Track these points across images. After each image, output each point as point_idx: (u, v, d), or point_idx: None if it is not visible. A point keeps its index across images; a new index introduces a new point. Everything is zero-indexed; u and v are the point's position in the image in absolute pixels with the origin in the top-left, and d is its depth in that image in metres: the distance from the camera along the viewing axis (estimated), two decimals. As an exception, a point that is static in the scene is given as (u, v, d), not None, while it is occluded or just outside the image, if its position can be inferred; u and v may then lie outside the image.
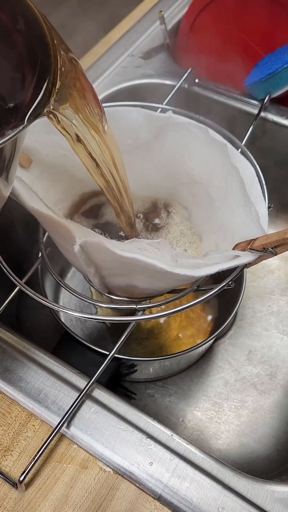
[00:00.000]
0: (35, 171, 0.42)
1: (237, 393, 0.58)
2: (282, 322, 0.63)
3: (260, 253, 0.34)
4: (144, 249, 0.33)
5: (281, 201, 0.68)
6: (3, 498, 0.36)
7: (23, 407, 0.40)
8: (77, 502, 0.36)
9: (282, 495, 0.36)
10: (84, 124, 0.29)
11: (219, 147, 0.40)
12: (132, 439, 0.38)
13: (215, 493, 0.36)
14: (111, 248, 0.32)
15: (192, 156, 0.41)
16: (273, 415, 0.56)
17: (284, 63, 0.55)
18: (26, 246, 0.51)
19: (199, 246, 0.44)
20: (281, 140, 0.62)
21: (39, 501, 0.36)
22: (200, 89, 0.63)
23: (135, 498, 0.36)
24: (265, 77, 0.57)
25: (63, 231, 0.34)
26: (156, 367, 0.56)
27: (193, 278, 0.37)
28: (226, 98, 0.62)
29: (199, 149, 0.41)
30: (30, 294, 0.39)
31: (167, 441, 0.38)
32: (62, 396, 0.40)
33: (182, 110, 0.49)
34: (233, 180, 0.39)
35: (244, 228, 0.37)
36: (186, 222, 0.46)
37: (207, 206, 0.43)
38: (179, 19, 0.71)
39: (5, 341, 0.43)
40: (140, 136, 0.45)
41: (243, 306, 0.64)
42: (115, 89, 0.63)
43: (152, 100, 0.60)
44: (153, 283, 0.37)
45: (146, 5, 0.74)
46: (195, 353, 0.58)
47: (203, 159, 0.41)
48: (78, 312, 0.38)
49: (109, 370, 0.45)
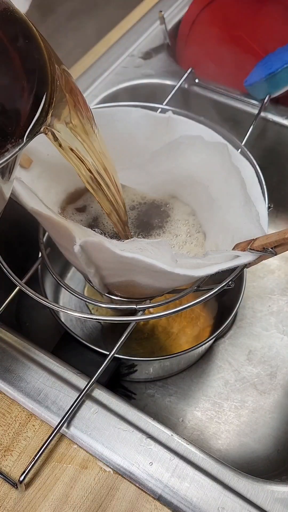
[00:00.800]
0: (35, 171, 0.42)
1: (237, 393, 0.58)
2: (282, 322, 0.63)
3: (260, 253, 0.34)
4: (144, 249, 0.33)
5: (281, 201, 0.68)
6: (3, 498, 0.36)
7: (23, 407, 0.40)
8: (77, 502, 0.36)
9: (282, 495, 0.36)
10: (77, 134, 0.30)
11: (219, 147, 0.40)
12: (132, 439, 0.38)
13: (215, 493, 0.36)
14: (111, 248, 0.32)
15: (192, 157, 0.42)
16: (273, 415, 0.56)
17: (284, 63, 0.55)
18: (26, 246, 0.51)
19: (203, 245, 0.44)
20: (281, 140, 0.62)
21: (39, 501, 0.36)
22: (200, 89, 0.63)
23: (135, 498, 0.36)
24: (265, 77, 0.57)
25: (63, 231, 0.34)
26: (156, 367, 0.56)
27: (193, 278, 0.37)
28: (226, 98, 0.62)
29: (199, 151, 0.41)
30: (30, 294, 0.39)
31: (167, 441, 0.38)
32: (62, 396, 0.40)
33: (182, 110, 0.49)
34: (234, 180, 0.39)
35: (244, 228, 0.37)
36: (190, 219, 0.46)
37: (207, 206, 0.43)
38: (179, 19, 0.71)
39: (5, 341, 0.43)
40: (141, 137, 0.45)
41: (243, 306, 0.64)
42: (115, 89, 0.63)
43: (152, 100, 0.60)
44: (153, 283, 0.37)
45: (146, 5, 0.74)
46: (195, 353, 0.58)
47: (203, 160, 0.41)
48: (78, 312, 0.39)
49: (109, 370, 0.45)
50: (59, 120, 0.27)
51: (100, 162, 0.33)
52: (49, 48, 0.26)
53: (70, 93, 0.27)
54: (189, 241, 0.44)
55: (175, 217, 0.46)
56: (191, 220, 0.46)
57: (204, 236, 0.45)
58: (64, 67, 0.27)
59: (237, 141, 0.48)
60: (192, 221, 0.46)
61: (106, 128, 0.45)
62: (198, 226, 0.45)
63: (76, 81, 0.64)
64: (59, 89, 0.26)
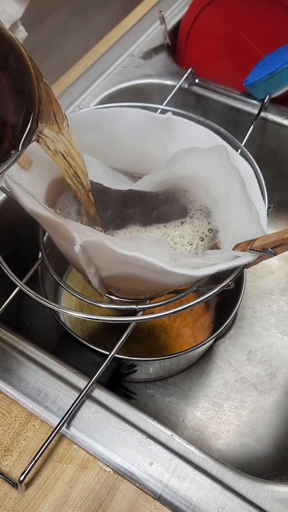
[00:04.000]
0: (36, 171, 0.42)
1: (237, 393, 0.58)
2: (282, 322, 0.63)
3: (260, 254, 0.34)
4: (144, 249, 0.33)
5: (281, 201, 0.68)
6: (3, 498, 0.36)
7: (23, 407, 0.40)
8: (77, 502, 0.36)
9: (282, 495, 0.36)
10: (59, 137, 0.34)
11: (218, 150, 0.40)
12: (132, 439, 0.38)
13: (215, 493, 0.36)
14: (111, 247, 0.32)
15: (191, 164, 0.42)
16: (273, 415, 0.57)
17: (284, 63, 0.55)
18: (26, 246, 0.51)
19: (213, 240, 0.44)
20: (281, 140, 0.62)
21: (39, 501, 0.36)
22: (200, 89, 0.63)
23: (135, 498, 0.36)
24: (265, 77, 0.57)
25: (62, 231, 0.34)
26: (156, 367, 0.56)
27: (192, 278, 0.37)
28: (226, 98, 0.62)
29: (198, 159, 0.41)
30: (30, 294, 0.39)
31: (167, 441, 0.38)
32: (62, 396, 0.40)
33: (182, 110, 0.49)
34: (234, 181, 0.39)
35: (244, 229, 0.37)
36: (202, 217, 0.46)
37: (208, 206, 0.43)
38: (179, 19, 0.71)
39: (5, 341, 0.43)
40: (140, 138, 0.45)
41: (243, 306, 0.64)
42: (115, 89, 0.63)
43: (152, 100, 0.60)
44: (153, 284, 0.37)
45: (146, 5, 0.74)
46: (195, 353, 0.58)
47: (202, 163, 0.41)
48: (78, 312, 0.39)
49: (109, 370, 0.45)
50: (46, 127, 0.32)
51: (77, 158, 0.37)
52: (34, 64, 0.30)
53: (51, 104, 0.32)
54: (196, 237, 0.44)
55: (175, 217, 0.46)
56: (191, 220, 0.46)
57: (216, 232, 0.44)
58: (45, 80, 0.31)
59: (237, 141, 0.48)
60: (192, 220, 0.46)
61: (106, 128, 0.45)
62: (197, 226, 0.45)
63: (76, 81, 0.65)
64: (44, 102, 0.30)
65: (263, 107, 0.58)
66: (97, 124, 0.45)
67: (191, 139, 0.44)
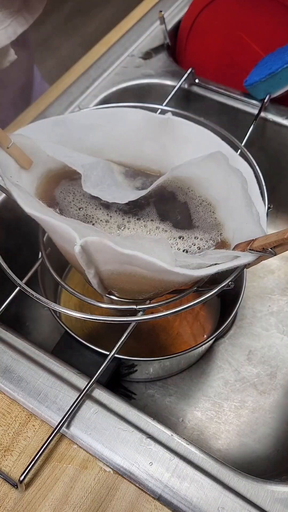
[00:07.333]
0: (36, 172, 0.42)
1: (237, 393, 0.58)
2: (282, 322, 0.63)
3: (260, 254, 0.34)
4: (144, 248, 0.33)
5: (281, 202, 0.68)
6: (3, 498, 0.36)
7: (23, 407, 0.40)
8: (77, 502, 0.36)
9: (282, 495, 0.36)
10: None
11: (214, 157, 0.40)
12: (132, 439, 0.38)
13: (215, 493, 0.36)
14: (111, 245, 0.32)
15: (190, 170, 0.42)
16: (273, 415, 0.57)
17: (284, 63, 0.55)
18: (26, 246, 0.51)
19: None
20: (281, 140, 0.62)
21: (39, 501, 0.36)
22: (200, 89, 0.63)
23: (135, 498, 0.36)
24: (265, 77, 0.57)
25: (62, 232, 0.34)
26: (156, 367, 0.56)
27: (192, 278, 0.37)
28: (226, 98, 0.62)
29: (195, 167, 0.41)
30: (30, 294, 0.39)
31: (167, 441, 0.38)
32: (62, 396, 0.40)
33: (182, 111, 0.49)
34: (234, 181, 0.39)
35: (244, 229, 0.37)
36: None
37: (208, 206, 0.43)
38: (179, 19, 0.71)
39: (5, 341, 0.43)
40: (140, 138, 0.45)
41: (243, 306, 0.64)
42: (115, 89, 0.63)
43: (152, 100, 0.60)
44: (153, 283, 0.37)
45: (146, 5, 0.74)
46: (195, 353, 0.58)
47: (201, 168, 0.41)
48: (78, 312, 0.39)
49: (109, 370, 0.45)
50: None
51: None
52: None
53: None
54: None
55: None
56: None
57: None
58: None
59: (237, 141, 0.48)
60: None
61: (106, 129, 0.45)
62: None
63: (76, 81, 0.65)
64: None
65: (263, 107, 0.58)
66: (97, 124, 0.45)
67: (191, 140, 0.44)
